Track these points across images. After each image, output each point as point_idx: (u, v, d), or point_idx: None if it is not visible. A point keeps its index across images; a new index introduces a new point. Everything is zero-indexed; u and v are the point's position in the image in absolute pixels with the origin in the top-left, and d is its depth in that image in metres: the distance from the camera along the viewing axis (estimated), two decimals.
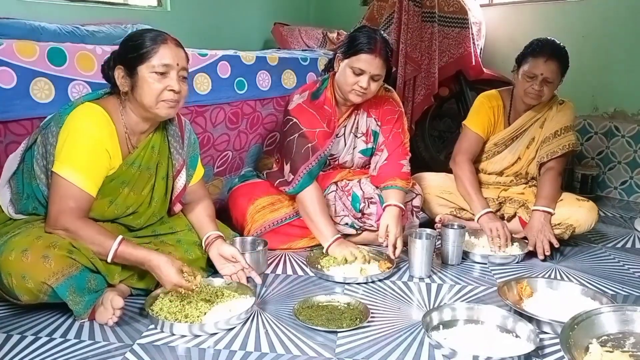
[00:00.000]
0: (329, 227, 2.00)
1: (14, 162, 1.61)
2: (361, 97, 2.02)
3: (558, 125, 2.25)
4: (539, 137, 2.30)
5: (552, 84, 2.16)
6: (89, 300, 1.47)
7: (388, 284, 1.84)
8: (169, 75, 1.52)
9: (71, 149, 1.49)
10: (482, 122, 2.33)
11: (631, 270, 2.03)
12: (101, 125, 1.52)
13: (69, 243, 1.44)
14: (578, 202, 2.19)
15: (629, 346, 1.34)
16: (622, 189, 3.20)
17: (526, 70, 2.16)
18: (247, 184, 2.27)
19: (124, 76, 1.53)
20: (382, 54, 1.96)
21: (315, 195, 2.03)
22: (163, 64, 1.50)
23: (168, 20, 3.47)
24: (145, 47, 1.50)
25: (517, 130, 2.31)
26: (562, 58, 2.16)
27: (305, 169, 2.03)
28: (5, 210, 1.61)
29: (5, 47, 1.65)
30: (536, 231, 2.08)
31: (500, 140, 2.34)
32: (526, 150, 2.33)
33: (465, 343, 1.40)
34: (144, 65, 1.50)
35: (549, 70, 2.12)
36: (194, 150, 1.82)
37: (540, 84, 2.14)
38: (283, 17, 4.02)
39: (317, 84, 2.16)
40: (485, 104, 2.35)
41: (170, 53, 1.52)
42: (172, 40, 1.55)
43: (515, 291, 1.70)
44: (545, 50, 2.14)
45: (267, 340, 1.44)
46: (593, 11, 3.13)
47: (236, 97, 2.30)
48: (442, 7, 3.04)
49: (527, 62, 2.17)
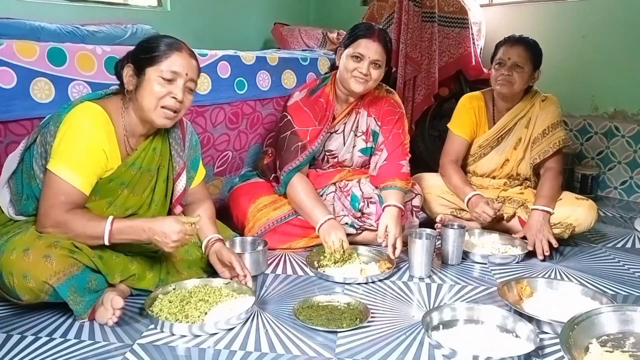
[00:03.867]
0: (317, 210, 2.02)
1: (13, 162, 1.61)
2: (362, 84, 2.03)
3: (545, 123, 2.27)
4: (525, 137, 2.31)
5: (522, 71, 2.19)
6: (89, 300, 1.47)
7: (388, 284, 1.84)
8: (175, 83, 1.52)
9: (67, 147, 1.48)
10: (464, 124, 2.35)
11: (631, 270, 2.03)
12: (99, 125, 1.52)
13: (71, 243, 1.44)
14: (577, 201, 2.19)
15: (629, 346, 1.34)
16: (622, 189, 3.20)
17: (496, 59, 2.24)
18: (248, 183, 2.28)
19: (132, 74, 1.53)
20: (380, 39, 2.00)
21: (302, 183, 2.08)
22: (171, 71, 1.51)
23: (168, 20, 3.46)
24: (158, 51, 1.50)
25: (501, 131, 2.32)
26: (531, 45, 2.22)
27: (290, 166, 2.09)
28: (6, 211, 1.60)
29: (5, 47, 1.65)
30: (535, 230, 2.08)
31: (484, 142, 2.35)
32: (513, 151, 2.33)
33: (465, 343, 1.40)
34: (153, 67, 1.50)
35: (515, 54, 2.18)
36: (195, 153, 1.81)
37: (508, 68, 2.19)
38: (283, 17, 4.01)
39: (319, 80, 2.19)
40: (466, 104, 2.37)
41: (181, 61, 1.52)
42: (187, 50, 1.55)
43: (515, 291, 1.70)
44: (513, 37, 2.25)
45: (267, 340, 1.44)
46: (593, 11, 3.13)
47: (236, 97, 2.30)
48: (442, 7, 3.04)
49: (497, 52, 2.26)
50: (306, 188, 2.08)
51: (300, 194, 2.06)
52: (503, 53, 2.22)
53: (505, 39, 2.26)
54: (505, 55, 2.20)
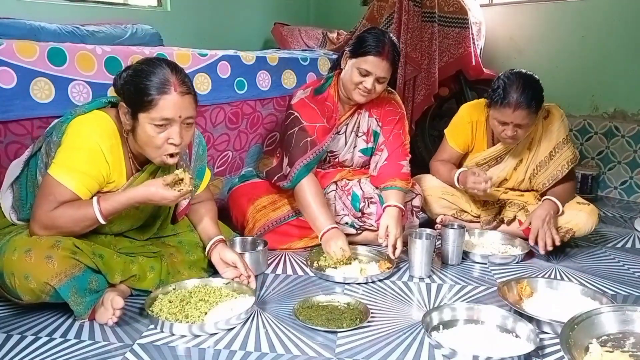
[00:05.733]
0: (322, 217, 1.99)
1: (17, 168, 1.60)
2: (365, 97, 2.04)
3: (550, 145, 2.17)
4: (528, 159, 2.21)
5: (527, 126, 2.06)
6: (90, 300, 1.47)
7: (388, 284, 1.84)
8: (170, 127, 1.46)
9: (66, 151, 1.46)
10: (458, 137, 2.30)
11: (631, 270, 2.03)
12: (104, 137, 1.49)
13: (72, 243, 1.44)
14: (579, 206, 2.18)
15: (629, 346, 1.34)
16: (622, 189, 3.20)
17: (496, 117, 2.06)
18: (247, 184, 2.28)
19: (126, 115, 1.47)
20: (389, 57, 1.97)
21: (311, 186, 2.03)
22: (163, 118, 1.44)
23: (168, 20, 3.47)
24: (149, 95, 1.42)
25: (500, 152, 2.23)
26: (532, 101, 1.99)
27: (302, 162, 2.04)
28: (7, 216, 1.60)
29: (5, 47, 1.65)
30: (541, 220, 2.01)
31: (482, 161, 2.26)
32: (514, 172, 2.26)
33: (465, 343, 1.40)
34: (144, 114, 1.44)
35: (519, 119, 2.00)
36: (201, 162, 1.80)
37: (512, 129, 2.04)
38: (283, 17, 4.02)
39: (322, 80, 2.19)
40: (465, 118, 2.28)
41: (172, 106, 1.43)
42: (179, 86, 1.45)
43: (515, 291, 1.70)
44: (512, 99, 1.97)
45: (267, 340, 1.44)
46: (593, 11, 3.13)
47: (236, 97, 2.30)
48: (442, 7, 3.04)
49: (496, 110, 2.04)
50: (315, 192, 2.03)
51: (308, 196, 2.02)
52: (503, 115, 2.02)
53: (504, 101, 1.99)
54: (506, 119, 2.01)
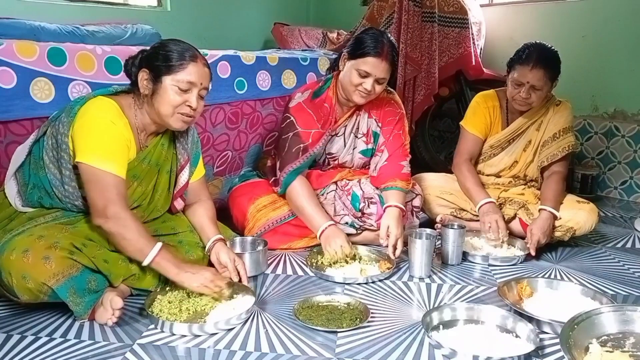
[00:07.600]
0: (318, 215, 2.01)
1: (22, 154, 1.63)
2: (364, 98, 2.03)
3: (556, 127, 2.24)
4: (536, 140, 2.29)
5: (540, 91, 2.14)
6: (89, 300, 1.47)
7: (388, 284, 1.84)
8: (190, 92, 1.56)
9: (95, 138, 1.50)
10: (479, 122, 2.33)
11: (631, 270, 2.03)
12: (117, 117, 1.55)
13: (70, 243, 1.44)
14: (578, 204, 2.19)
15: (629, 346, 1.34)
16: (622, 189, 3.20)
17: (514, 77, 2.15)
18: (247, 183, 2.28)
19: (148, 80, 1.55)
20: (388, 58, 1.97)
21: (303, 188, 2.05)
22: (188, 81, 1.54)
23: (168, 20, 3.47)
24: (175, 60, 1.53)
25: (513, 133, 2.30)
26: (550, 64, 2.11)
27: (291, 167, 2.06)
28: (13, 203, 1.62)
29: (5, 47, 1.65)
30: (542, 232, 2.06)
31: (496, 143, 2.33)
32: (523, 153, 2.32)
33: (465, 343, 1.40)
34: (170, 77, 1.53)
35: (535, 78, 2.10)
36: (196, 148, 1.84)
37: (527, 91, 2.13)
38: (283, 17, 4.02)
39: (320, 82, 2.18)
40: (482, 104, 2.34)
41: (197, 72, 1.55)
42: (201, 59, 1.58)
43: (515, 291, 1.70)
44: (532, 57, 2.10)
45: (267, 340, 1.44)
46: (593, 11, 3.13)
47: (236, 97, 2.30)
48: (442, 7, 3.04)
49: (515, 70, 2.15)
50: (307, 193, 2.06)
51: (300, 198, 2.05)
52: (521, 75, 2.11)
53: (525, 58, 2.11)
54: (524, 78, 2.11)
